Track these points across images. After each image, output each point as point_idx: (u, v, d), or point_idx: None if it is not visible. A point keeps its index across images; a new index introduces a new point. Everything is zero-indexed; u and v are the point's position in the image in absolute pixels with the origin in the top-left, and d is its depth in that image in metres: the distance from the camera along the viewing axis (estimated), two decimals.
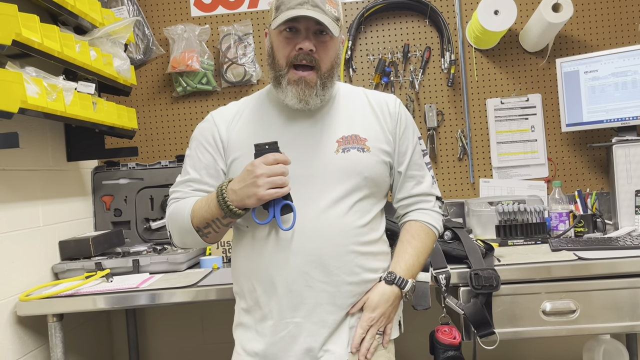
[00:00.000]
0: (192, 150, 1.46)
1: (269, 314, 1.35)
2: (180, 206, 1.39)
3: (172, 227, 1.42)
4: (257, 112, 1.44)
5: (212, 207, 1.30)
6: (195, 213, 1.34)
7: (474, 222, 2.25)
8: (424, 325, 1.71)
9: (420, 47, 2.52)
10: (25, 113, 1.56)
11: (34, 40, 1.56)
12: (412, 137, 1.46)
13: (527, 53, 2.51)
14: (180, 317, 2.51)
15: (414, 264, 1.42)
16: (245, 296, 1.39)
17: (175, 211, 1.40)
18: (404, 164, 1.45)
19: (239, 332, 1.42)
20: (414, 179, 1.46)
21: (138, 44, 2.49)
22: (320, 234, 1.32)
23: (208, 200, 1.33)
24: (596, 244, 1.89)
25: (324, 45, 1.33)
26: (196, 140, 1.45)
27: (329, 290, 1.33)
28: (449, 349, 1.61)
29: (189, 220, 1.35)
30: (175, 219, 1.39)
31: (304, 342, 1.33)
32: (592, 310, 1.68)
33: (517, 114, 2.51)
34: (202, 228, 1.35)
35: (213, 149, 1.42)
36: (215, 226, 1.33)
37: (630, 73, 2.25)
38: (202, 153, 1.43)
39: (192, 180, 1.43)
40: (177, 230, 1.40)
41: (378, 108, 1.43)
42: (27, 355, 1.81)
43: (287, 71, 1.34)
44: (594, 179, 2.49)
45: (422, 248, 1.44)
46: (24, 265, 1.84)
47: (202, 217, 1.33)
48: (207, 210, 1.32)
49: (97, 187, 2.35)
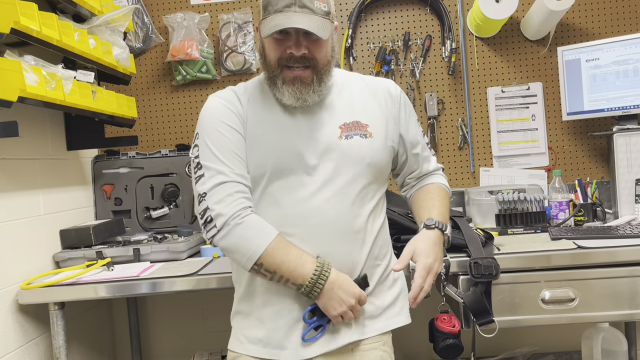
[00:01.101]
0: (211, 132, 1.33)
1: (269, 301, 1.35)
2: (259, 225, 1.28)
3: (237, 234, 1.26)
4: (261, 99, 1.41)
5: (299, 271, 1.26)
6: (276, 256, 1.25)
7: (474, 211, 2.25)
8: (424, 314, 1.71)
9: (421, 35, 2.51)
10: (25, 102, 1.55)
11: (32, 28, 1.54)
12: (415, 119, 1.51)
13: (528, 41, 2.50)
14: (181, 306, 2.52)
15: (445, 213, 1.47)
16: (245, 283, 1.39)
17: (250, 225, 1.27)
18: (418, 147, 1.51)
19: (238, 320, 1.42)
20: (426, 160, 1.54)
21: (137, 32, 2.48)
22: (325, 223, 1.32)
23: (301, 259, 1.26)
24: (596, 232, 1.89)
25: (318, 45, 1.30)
26: (213, 121, 1.34)
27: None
28: (449, 337, 1.62)
29: (261, 250, 1.25)
30: (247, 234, 1.26)
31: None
32: (591, 298, 1.68)
33: (518, 102, 2.50)
34: (265, 269, 1.26)
35: (235, 124, 1.34)
36: (278, 280, 1.28)
37: (631, 61, 2.24)
38: (226, 131, 1.33)
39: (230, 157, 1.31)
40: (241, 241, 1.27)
41: (378, 93, 1.43)
42: (29, 343, 1.82)
43: (280, 71, 1.32)
44: (594, 167, 2.49)
45: (445, 202, 1.50)
46: (25, 253, 1.85)
47: (279, 266, 1.26)
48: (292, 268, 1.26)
49: (98, 176, 2.35)
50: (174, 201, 2.33)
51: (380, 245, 1.42)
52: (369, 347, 1.38)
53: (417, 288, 1.33)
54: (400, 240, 1.75)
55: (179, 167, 2.34)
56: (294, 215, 1.32)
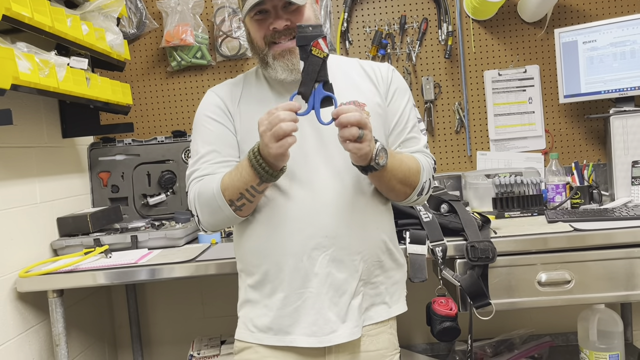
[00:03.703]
0: (198, 127, 1.40)
1: (277, 288, 1.33)
2: (207, 184, 1.32)
3: (200, 207, 1.33)
4: (254, 89, 1.41)
5: (245, 174, 1.23)
6: (227, 185, 1.27)
7: (471, 194, 2.25)
8: (421, 297, 1.72)
9: (417, 18, 2.49)
10: (18, 89, 1.54)
11: (24, 14, 1.53)
12: (409, 100, 1.44)
13: (525, 24, 2.48)
14: (180, 292, 2.53)
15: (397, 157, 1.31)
16: (253, 272, 1.37)
17: (201, 190, 1.32)
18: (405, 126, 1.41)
19: (246, 309, 1.39)
20: (412, 140, 1.43)
21: (131, 18, 2.46)
22: (327, 206, 1.30)
23: (240, 168, 1.26)
24: (592, 215, 1.90)
25: (297, 13, 1.30)
26: (201, 117, 1.40)
27: (339, 258, 1.31)
28: (446, 320, 1.63)
29: (220, 195, 1.28)
30: (204, 198, 1.32)
31: (315, 314, 1.31)
32: (587, 280, 1.69)
33: (515, 85, 2.49)
34: (236, 200, 1.27)
35: (221, 117, 1.38)
36: (250, 195, 1.26)
37: (629, 43, 2.23)
38: (210, 124, 1.38)
39: (207, 154, 1.37)
40: (208, 209, 1.32)
41: (372, 74, 1.42)
42: (29, 330, 1.83)
43: (268, 49, 1.33)
44: (590, 150, 2.49)
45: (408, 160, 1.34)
46: (22, 242, 1.85)
47: (236, 188, 1.26)
48: (239, 179, 1.25)
49: (94, 163, 2.34)
50: (171, 188, 2.33)
51: (386, 228, 1.41)
52: (376, 332, 1.39)
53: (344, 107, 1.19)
54: (398, 225, 1.76)
55: (175, 153, 2.33)
56: (298, 202, 1.31)
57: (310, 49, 1.18)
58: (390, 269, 1.41)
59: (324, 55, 1.19)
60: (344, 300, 1.32)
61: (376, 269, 1.37)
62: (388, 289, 1.40)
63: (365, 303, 1.37)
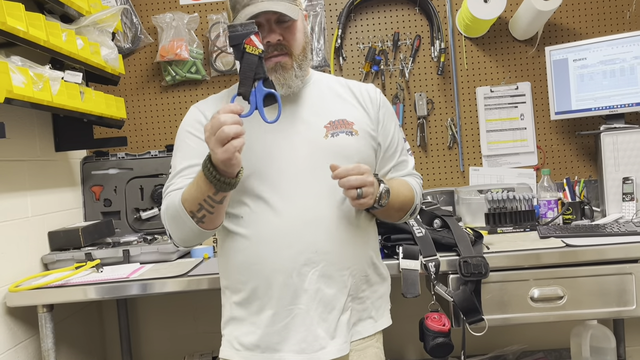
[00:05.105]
0: (178, 143, 1.42)
1: (268, 304, 1.32)
2: (173, 197, 1.32)
3: (168, 221, 1.34)
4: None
5: (202, 184, 1.21)
6: (186, 197, 1.26)
7: (464, 210, 2.26)
8: (414, 313, 1.72)
9: (410, 35, 2.52)
10: (12, 103, 1.54)
11: (19, 29, 1.53)
12: (396, 123, 1.49)
13: (516, 41, 2.51)
14: (172, 307, 2.51)
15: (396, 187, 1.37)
16: (239, 289, 1.36)
17: (168, 204, 1.33)
18: (396, 150, 1.46)
19: (232, 327, 1.38)
20: (402, 164, 1.48)
21: (126, 33, 2.47)
22: (316, 221, 1.30)
23: (197, 178, 1.24)
24: (584, 231, 1.91)
25: (290, 30, 1.32)
26: (181, 132, 1.42)
27: (329, 274, 1.31)
28: (439, 336, 1.63)
29: (181, 207, 1.26)
30: (170, 212, 1.32)
31: (304, 331, 1.31)
32: (580, 296, 1.70)
33: (507, 102, 2.52)
34: (196, 212, 1.25)
35: (201, 133, 1.34)
36: (208, 205, 1.23)
37: (618, 61, 2.26)
38: (190, 140, 1.39)
39: (184, 169, 1.37)
40: (174, 223, 1.32)
41: (359, 95, 1.43)
42: (18, 346, 1.81)
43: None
44: (582, 166, 2.51)
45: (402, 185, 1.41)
46: (13, 256, 1.83)
47: (194, 199, 1.24)
48: (196, 190, 1.23)
49: (87, 177, 2.33)
50: None
51: (372, 243, 1.42)
52: (363, 347, 1.39)
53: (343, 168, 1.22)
54: (391, 240, 1.76)
55: (169, 167, 2.31)
56: (287, 217, 1.31)
57: (244, 47, 1.17)
58: (376, 283, 1.42)
59: (259, 52, 1.18)
60: (333, 316, 1.33)
61: (363, 283, 1.38)
62: (374, 303, 1.41)
63: (353, 318, 1.37)
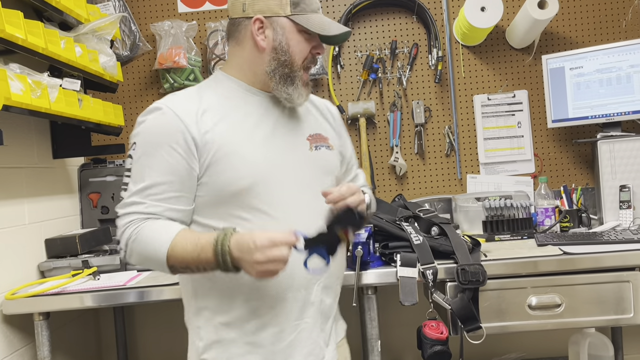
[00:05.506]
0: (151, 152, 1.21)
1: (271, 321, 1.27)
2: (150, 237, 1.18)
3: (135, 253, 1.21)
4: (231, 104, 1.29)
5: (204, 257, 1.14)
6: (177, 254, 1.17)
7: (461, 217, 2.26)
8: (411, 321, 1.72)
9: (407, 43, 2.53)
10: (10, 110, 1.54)
11: (17, 36, 1.53)
12: (349, 138, 1.54)
13: (513, 49, 2.53)
14: (169, 315, 2.50)
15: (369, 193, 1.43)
16: (229, 309, 1.28)
17: (141, 239, 1.19)
18: (354, 163, 1.54)
19: (218, 351, 1.30)
20: (356, 176, 1.56)
21: (124, 40, 2.47)
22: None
23: (198, 247, 1.15)
24: (581, 238, 1.91)
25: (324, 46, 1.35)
26: (160, 143, 1.21)
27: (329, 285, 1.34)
28: (436, 344, 1.62)
29: (164, 258, 1.17)
30: (142, 248, 1.20)
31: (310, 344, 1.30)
32: (577, 304, 1.70)
33: (504, 110, 2.53)
34: (179, 268, 1.19)
35: (185, 151, 1.20)
36: (197, 270, 1.19)
37: (614, 69, 2.28)
38: (169, 155, 1.20)
39: (155, 186, 1.20)
40: (142, 258, 1.22)
41: (324, 110, 1.47)
42: (14, 354, 1.80)
43: (302, 73, 1.31)
44: (579, 174, 2.51)
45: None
46: (9, 263, 1.83)
47: (185, 261, 1.17)
48: (193, 258, 1.15)
49: (84, 184, 2.33)
50: None
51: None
52: (340, 344, 1.44)
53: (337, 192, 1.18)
54: (388, 247, 1.76)
55: None
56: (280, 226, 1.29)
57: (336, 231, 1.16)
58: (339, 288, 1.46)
59: (343, 239, 1.18)
60: (328, 325, 1.36)
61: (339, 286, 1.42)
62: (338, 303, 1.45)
63: (335, 322, 1.41)
